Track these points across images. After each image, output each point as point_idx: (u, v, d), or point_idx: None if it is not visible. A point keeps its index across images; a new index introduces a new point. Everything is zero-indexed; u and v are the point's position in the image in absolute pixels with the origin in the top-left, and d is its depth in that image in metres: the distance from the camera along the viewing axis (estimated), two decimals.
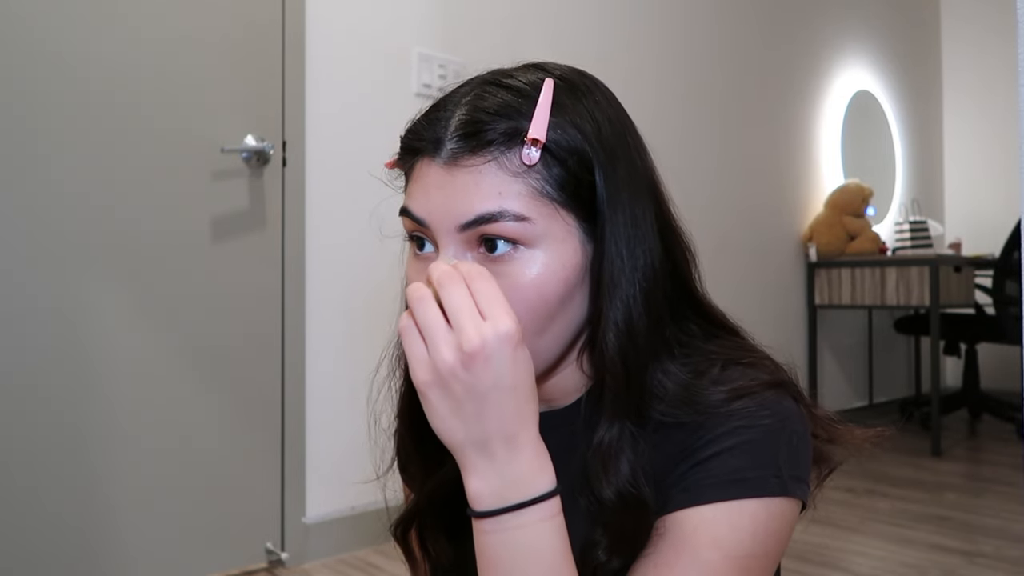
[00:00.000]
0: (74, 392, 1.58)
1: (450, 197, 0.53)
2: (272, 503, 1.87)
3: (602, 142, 0.55)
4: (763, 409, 0.54)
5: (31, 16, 1.54)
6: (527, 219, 0.52)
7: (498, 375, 0.48)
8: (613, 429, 0.54)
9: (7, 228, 1.52)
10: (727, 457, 0.53)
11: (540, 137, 0.52)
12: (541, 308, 0.53)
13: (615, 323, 0.54)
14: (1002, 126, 4.51)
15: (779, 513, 0.53)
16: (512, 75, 0.57)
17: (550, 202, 0.53)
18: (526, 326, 0.53)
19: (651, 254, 0.56)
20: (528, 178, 0.53)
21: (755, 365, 0.57)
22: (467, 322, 0.48)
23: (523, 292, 0.53)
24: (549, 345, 0.56)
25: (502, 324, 0.48)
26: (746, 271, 3.28)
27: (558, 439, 0.62)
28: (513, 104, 0.54)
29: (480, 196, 0.52)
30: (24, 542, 1.52)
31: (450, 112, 0.55)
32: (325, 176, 1.95)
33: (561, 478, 0.62)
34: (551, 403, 0.63)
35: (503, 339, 0.47)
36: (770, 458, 0.53)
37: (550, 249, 0.53)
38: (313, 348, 1.92)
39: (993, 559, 1.93)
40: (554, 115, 0.53)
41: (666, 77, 2.95)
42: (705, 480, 0.53)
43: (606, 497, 0.53)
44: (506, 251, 0.53)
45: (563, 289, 0.54)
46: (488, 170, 0.52)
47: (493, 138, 0.52)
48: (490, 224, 0.52)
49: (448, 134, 0.54)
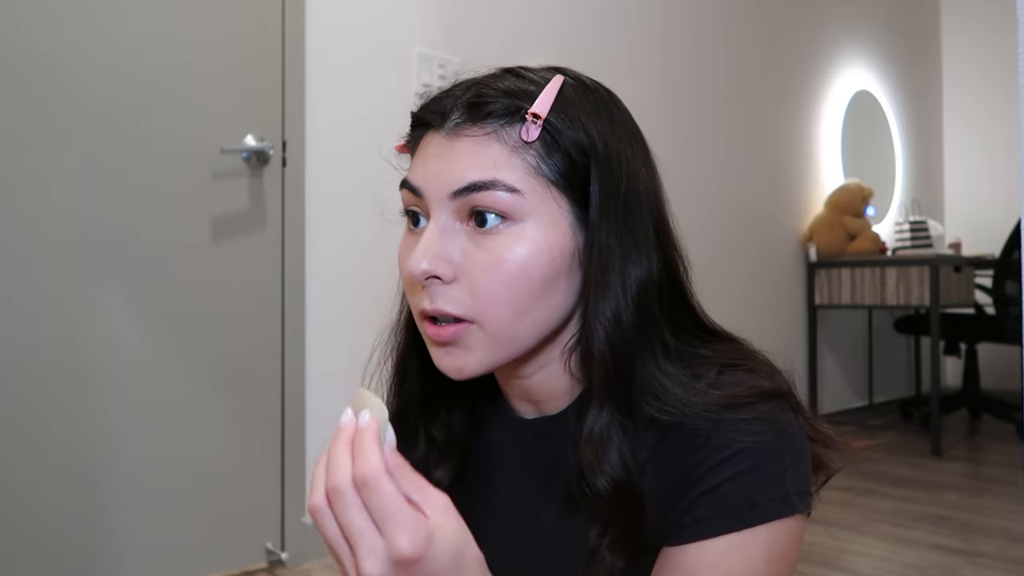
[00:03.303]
0: (74, 392, 1.58)
1: (447, 165, 0.54)
2: (272, 503, 1.87)
3: (606, 142, 0.55)
4: (766, 425, 0.53)
5: (30, 17, 1.54)
6: (518, 191, 0.52)
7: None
8: (602, 416, 0.54)
9: (7, 228, 1.52)
10: (737, 484, 0.52)
11: (541, 112, 0.53)
12: (523, 286, 0.53)
13: (604, 316, 0.54)
14: (1002, 126, 4.51)
15: (788, 532, 0.53)
16: (530, 69, 0.58)
17: (544, 181, 0.54)
18: (502, 305, 0.53)
19: (647, 258, 0.56)
20: (526, 155, 0.53)
21: (754, 371, 0.56)
22: (360, 551, 0.44)
23: (506, 267, 0.53)
24: (528, 330, 0.55)
25: (399, 546, 0.43)
26: (746, 271, 3.28)
27: (550, 447, 0.61)
28: (522, 87, 0.55)
29: (475, 165, 0.53)
30: (24, 542, 1.52)
31: (460, 90, 0.56)
32: (325, 176, 1.95)
33: (553, 488, 0.61)
34: (540, 408, 0.63)
35: (401, 565, 0.43)
36: (778, 480, 0.52)
37: (539, 227, 0.53)
38: (313, 348, 1.92)
39: (993, 559, 1.93)
40: (562, 108, 0.54)
41: (667, 77, 2.95)
42: (716, 511, 0.52)
43: (600, 487, 0.52)
44: (495, 225, 0.53)
45: (548, 271, 0.54)
46: (487, 141, 0.53)
47: (494, 110, 0.54)
48: (481, 192, 0.52)
49: (454, 107, 0.55)
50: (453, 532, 0.45)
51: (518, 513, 0.63)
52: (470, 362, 0.55)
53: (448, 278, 0.53)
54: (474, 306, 0.53)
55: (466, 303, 0.53)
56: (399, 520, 0.43)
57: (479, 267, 0.53)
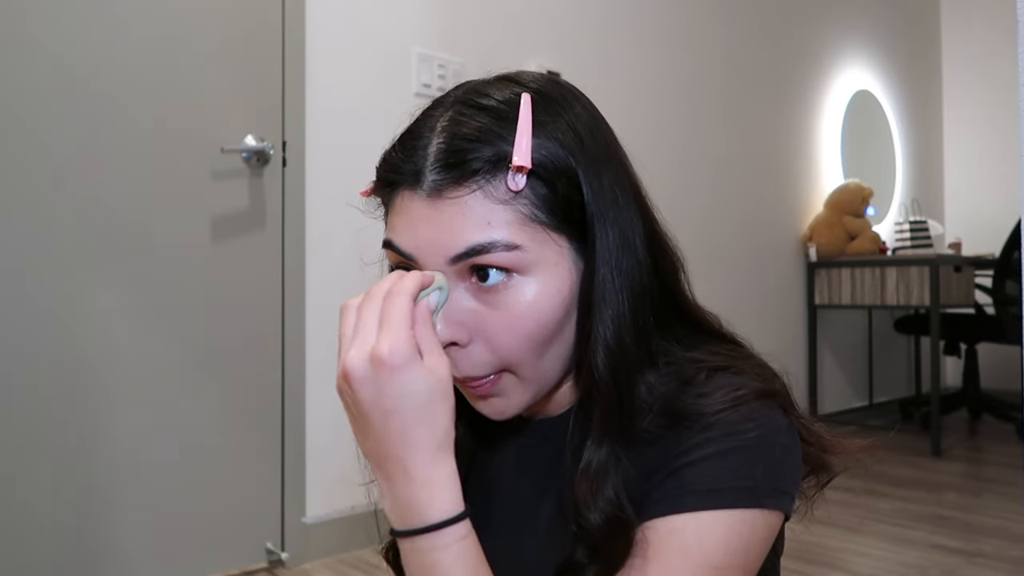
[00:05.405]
0: (73, 392, 1.58)
1: (437, 230, 0.52)
2: (272, 503, 1.87)
3: (585, 154, 0.54)
4: (748, 421, 0.53)
5: (30, 16, 1.54)
6: (518, 247, 0.51)
7: (373, 398, 0.49)
8: (601, 451, 0.53)
9: (7, 228, 1.52)
10: (702, 467, 0.52)
11: (525, 163, 0.50)
12: (539, 334, 0.53)
13: (605, 342, 0.53)
14: (1002, 126, 4.51)
15: (752, 525, 0.52)
16: (486, 93, 0.55)
17: (540, 226, 0.52)
18: (526, 353, 0.53)
19: (639, 267, 0.55)
20: (516, 204, 0.51)
21: (743, 372, 0.56)
22: (354, 340, 0.50)
23: (521, 322, 0.52)
24: (554, 364, 0.56)
25: (380, 346, 0.48)
26: (746, 271, 3.28)
27: (550, 449, 0.62)
28: (493, 128, 0.52)
29: (468, 228, 0.51)
30: (24, 542, 1.52)
31: (427, 140, 0.53)
32: (325, 176, 1.95)
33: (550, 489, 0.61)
34: (546, 412, 0.63)
35: (375, 362, 0.48)
36: (747, 470, 0.52)
37: (544, 274, 0.53)
38: (313, 348, 1.92)
39: (993, 559, 1.93)
40: (535, 134, 0.52)
41: (667, 77, 2.95)
42: (678, 490, 0.52)
43: (593, 522, 0.52)
44: (499, 280, 0.52)
45: (560, 313, 0.53)
46: (474, 200, 0.51)
47: (477, 167, 0.51)
48: (481, 255, 0.51)
49: (428, 165, 0.52)
50: (435, 379, 0.49)
51: (516, 513, 0.64)
52: (511, 405, 0.56)
53: (465, 342, 0.54)
54: (498, 363, 0.54)
55: (490, 362, 0.54)
56: (394, 330, 0.48)
57: (495, 327, 0.53)
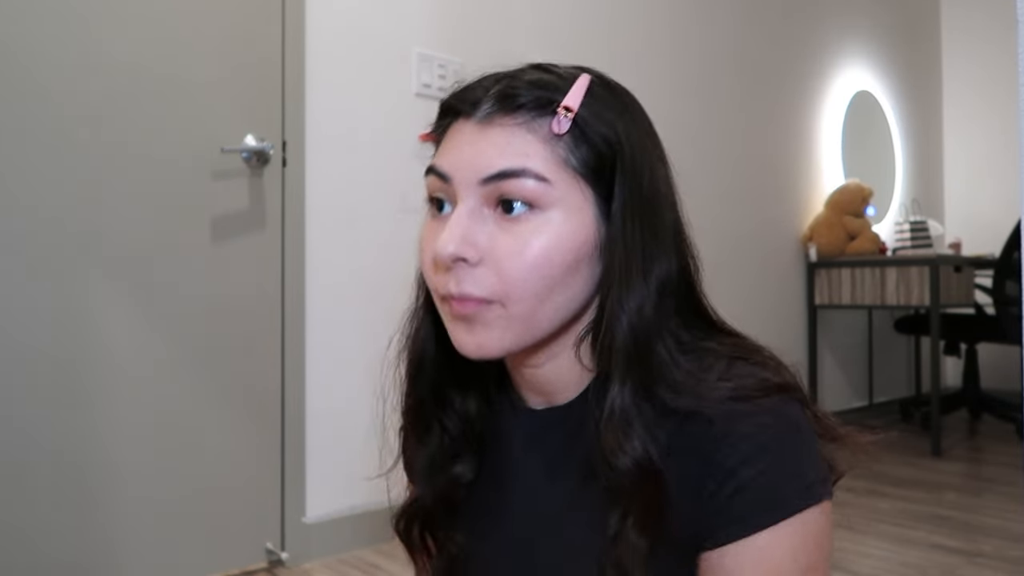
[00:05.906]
0: (73, 392, 1.58)
1: (478, 153, 0.55)
2: (272, 503, 1.87)
3: (630, 139, 0.58)
4: (778, 418, 0.54)
5: (30, 17, 1.54)
6: (547, 181, 0.54)
7: None
8: (624, 394, 0.55)
9: (6, 228, 1.52)
10: (764, 481, 0.53)
11: (572, 106, 0.55)
12: (546, 272, 0.55)
13: (629, 307, 0.55)
14: (1002, 126, 4.51)
15: (816, 519, 0.54)
16: (556, 66, 0.60)
17: (572, 172, 0.55)
18: (529, 285, 0.55)
19: (667, 254, 0.58)
20: (556, 146, 0.55)
21: (761, 364, 0.58)
22: None
23: (531, 252, 0.54)
24: (548, 315, 0.56)
25: None
26: (746, 271, 3.28)
27: (557, 437, 0.62)
28: (550, 81, 0.57)
29: (507, 154, 0.54)
30: (24, 542, 1.52)
31: (490, 82, 0.58)
32: (325, 176, 1.95)
33: (559, 479, 0.62)
34: (549, 399, 0.63)
35: None
36: (799, 469, 0.54)
37: (564, 215, 0.55)
38: (313, 348, 1.92)
39: (993, 559, 1.93)
40: (590, 104, 0.56)
41: (667, 78, 2.95)
42: (747, 509, 0.53)
43: (624, 466, 0.53)
44: (522, 212, 0.55)
45: (571, 258, 0.55)
46: (518, 131, 0.55)
47: (526, 102, 0.55)
48: (511, 180, 0.54)
49: (486, 96, 0.56)
50: None
51: (526, 503, 0.64)
52: (490, 339, 0.56)
53: (474, 260, 0.55)
54: (499, 288, 0.55)
55: (491, 285, 0.55)
56: None
57: (505, 251, 0.54)
